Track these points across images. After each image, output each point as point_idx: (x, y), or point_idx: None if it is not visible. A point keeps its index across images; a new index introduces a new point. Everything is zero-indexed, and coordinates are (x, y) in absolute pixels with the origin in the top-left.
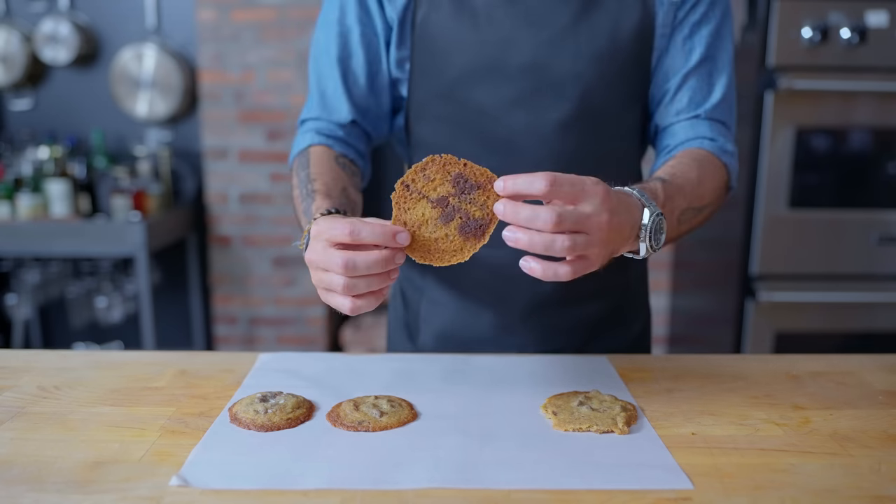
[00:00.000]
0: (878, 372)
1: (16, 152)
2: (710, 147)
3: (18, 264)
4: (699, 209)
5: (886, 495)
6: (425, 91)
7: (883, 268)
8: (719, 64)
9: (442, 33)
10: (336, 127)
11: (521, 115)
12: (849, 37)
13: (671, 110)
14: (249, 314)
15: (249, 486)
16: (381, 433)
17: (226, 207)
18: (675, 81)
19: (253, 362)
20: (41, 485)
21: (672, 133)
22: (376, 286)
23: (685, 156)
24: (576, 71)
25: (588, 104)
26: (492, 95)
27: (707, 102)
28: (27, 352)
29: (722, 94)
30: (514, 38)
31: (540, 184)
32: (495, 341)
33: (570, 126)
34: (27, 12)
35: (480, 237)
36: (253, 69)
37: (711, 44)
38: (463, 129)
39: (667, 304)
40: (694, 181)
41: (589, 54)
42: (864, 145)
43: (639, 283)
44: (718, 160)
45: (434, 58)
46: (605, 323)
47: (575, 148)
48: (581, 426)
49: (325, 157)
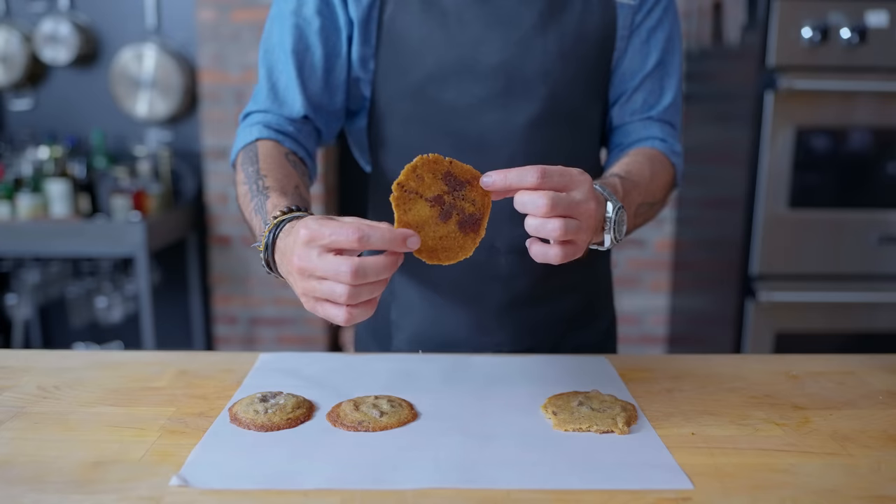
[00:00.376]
0: (878, 372)
1: (16, 152)
2: (660, 147)
3: (18, 264)
4: (651, 204)
5: (886, 495)
6: (393, 90)
7: (883, 268)
8: (670, 68)
9: (411, 33)
10: (286, 122)
11: (493, 114)
12: (849, 37)
13: (626, 110)
14: (249, 314)
15: (249, 486)
16: (381, 433)
17: (226, 207)
18: (633, 83)
19: (253, 362)
20: (41, 485)
21: (626, 132)
22: (377, 293)
23: (638, 154)
24: (545, 70)
25: (556, 103)
26: (463, 95)
27: (659, 105)
28: (27, 352)
29: (672, 97)
30: (484, 38)
31: (531, 177)
32: (471, 342)
33: (540, 124)
34: (27, 12)
35: (477, 231)
36: (253, 69)
37: (665, 48)
38: (434, 129)
39: (667, 304)
40: (647, 178)
41: (557, 54)
42: (865, 145)
43: (605, 279)
44: (668, 160)
45: (403, 57)
46: (578, 319)
47: (543, 146)
48: (581, 426)
49: (275, 152)
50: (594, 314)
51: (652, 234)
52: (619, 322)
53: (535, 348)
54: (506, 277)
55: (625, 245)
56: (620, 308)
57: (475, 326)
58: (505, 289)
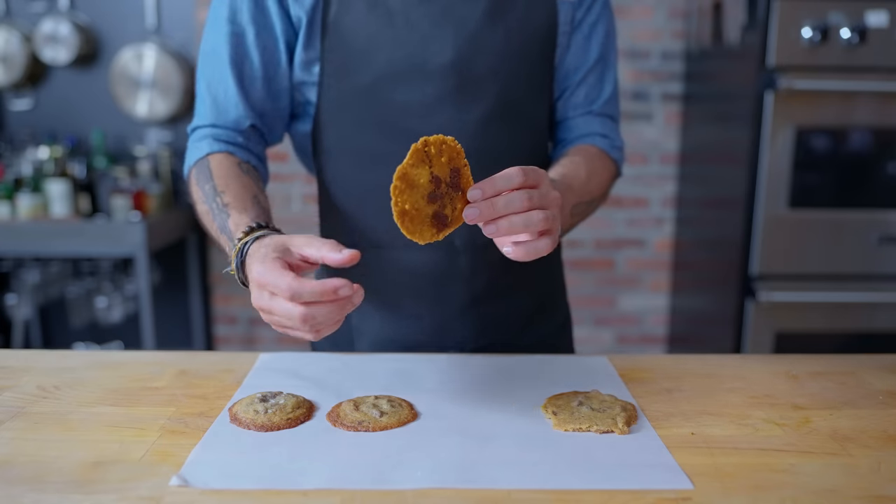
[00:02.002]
0: (878, 372)
1: (16, 152)
2: (601, 143)
3: (18, 264)
4: (588, 203)
5: (886, 495)
6: (341, 92)
7: (883, 268)
8: (611, 61)
9: (357, 33)
10: (234, 133)
11: (445, 113)
12: (849, 37)
13: (569, 105)
14: (249, 314)
15: (249, 486)
16: (381, 433)
17: None
18: (575, 78)
19: (253, 362)
20: (41, 485)
21: (568, 127)
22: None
23: (576, 154)
24: (494, 68)
25: (505, 100)
26: (415, 94)
27: (599, 98)
28: (27, 352)
29: (611, 90)
30: (433, 37)
31: (518, 177)
32: (434, 342)
33: (490, 122)
34: (27, 12)
35: (439, 232)
36: None
37: (604, 43)
38: (386, 129)
39: (667, 304)
40: (583, 179)
41: (505, 51)
42: (864, 145)
43: (559, 275)
44: (607, 156)
45: (350, 58)
46: (534, 314)
47: (495, 143)
48: (581, 426)
49: (227, 164)
50: (549, 309)
51: (652, 234)
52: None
53: (494, 344)
54: (467, 276)
55: (625, 245)
56: (621, 308)
57: (437, 327)
58: (466, 287)
